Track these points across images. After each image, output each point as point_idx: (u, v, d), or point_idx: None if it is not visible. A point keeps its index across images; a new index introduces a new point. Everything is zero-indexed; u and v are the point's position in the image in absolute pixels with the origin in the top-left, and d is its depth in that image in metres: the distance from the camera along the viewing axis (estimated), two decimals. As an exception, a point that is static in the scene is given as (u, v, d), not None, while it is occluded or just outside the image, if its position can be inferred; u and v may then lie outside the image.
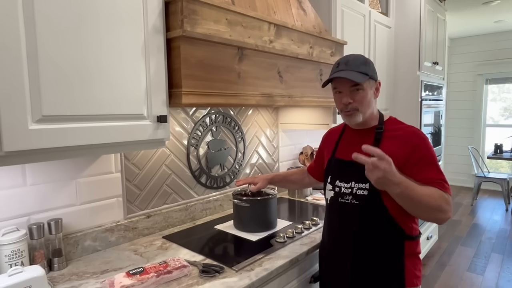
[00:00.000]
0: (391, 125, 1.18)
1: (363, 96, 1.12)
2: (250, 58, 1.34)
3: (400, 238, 1.11)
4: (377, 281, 1.12)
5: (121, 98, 1.03)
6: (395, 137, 1.13)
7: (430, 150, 1.10)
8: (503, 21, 4.81)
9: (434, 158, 1.09)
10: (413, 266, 1.13)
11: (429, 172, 1.06)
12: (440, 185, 1.04)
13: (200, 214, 1.73)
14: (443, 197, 1.02)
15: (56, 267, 1.17)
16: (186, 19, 1.11)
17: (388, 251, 1.11)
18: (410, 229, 1.13)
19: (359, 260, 1.15)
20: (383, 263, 1.11)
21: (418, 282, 1.14)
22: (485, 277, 2.91)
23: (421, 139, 1.11)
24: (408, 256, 1.12)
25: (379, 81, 1.19)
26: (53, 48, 0.88)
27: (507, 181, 4.74)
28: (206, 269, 1.13)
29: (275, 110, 2.19)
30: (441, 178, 1.06)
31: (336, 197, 1.20)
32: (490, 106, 5.86)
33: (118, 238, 1.40)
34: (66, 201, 1.26)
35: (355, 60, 1.11)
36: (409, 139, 1.10)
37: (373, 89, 1.16)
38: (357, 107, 1.12)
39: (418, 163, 1.07)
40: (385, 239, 1.11)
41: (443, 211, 1.01)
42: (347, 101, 1.12)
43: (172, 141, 1.61)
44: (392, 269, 1.11)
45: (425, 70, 2.92)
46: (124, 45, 1.03)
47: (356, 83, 1.09)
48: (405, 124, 1.18)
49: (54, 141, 0.89)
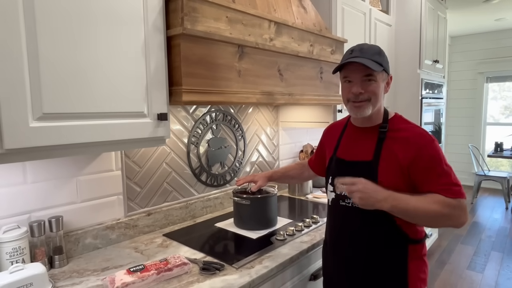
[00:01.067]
0: (396, 124, 1.10)
1: (376, 87, 1.04)
2: (250, 56, 1.33)
3: (403, 242, 1.05)
4: (379, 285, 1.08)
5: (122, 96, 1.04)
6: (399, 138, 1.05)
7: (438, 152, 1.02)
8: (504, 19, 4.80)
9: (441, 161, 1.01)
10: (418, 269, 1.08)
11: (436, 177, 0.99)
12: (447, 192, 0.97)
13: (200, 212, 1.74)
14: (448, 204, 0.96)
15: (57, 264, 1.18)
16: (187, 17, 1.11)
17: (391, 255, 1.06)
18: (415, 232, 1.07)
19: (360, 263, 1.10)
20: (384, 267, 1.06)
21: (423, 285, 1.09)
22: (484, 275, 2.92)
23: (427, 141, 1.02)
24: (413, 260, 1.07)
25: (391, 75, 1.12)
26: (54, 47, 0.88)
27: (507, 180, 4.74)
28: (207, 266, 1.14)
29: (275, 108, 2.19)
30: (448, 182, 0.99)
31: (337, 200, 1.15)
32: (491, 104, 5.85)
33: (118, 235, 1.40)
34: (67, 198, 1.27)
35: (369, 49, 1.04)
36: (414, 141, 1.03)
37: (384, 83, 1.08)
38: (370, 97, 1.04)
39: (424, 168, 1.00)
40: (387, 243, 1.06)
41: (448, 217, 0.96)
42: (358, 90, 1.04)
43: (172, 139, 1.62)
44: (394, 274, 1.06)
45: (425, 68, 2.92)
46: (124, 43, 1.03)
47: (368, 73, 1.03)
48: (412, 124, 1.10)
49: (55, 139, 0.90)
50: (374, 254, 1.07)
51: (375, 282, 1.08)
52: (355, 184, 0.97)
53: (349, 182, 0.99)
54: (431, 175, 1.00)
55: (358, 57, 1.02)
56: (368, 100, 1.05)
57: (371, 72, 1.03)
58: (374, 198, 0.96)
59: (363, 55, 1.02)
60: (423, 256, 1.10)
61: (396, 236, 1.05)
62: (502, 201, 5.03)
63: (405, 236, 1.05)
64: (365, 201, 0.97)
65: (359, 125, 1.16)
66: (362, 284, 1.10)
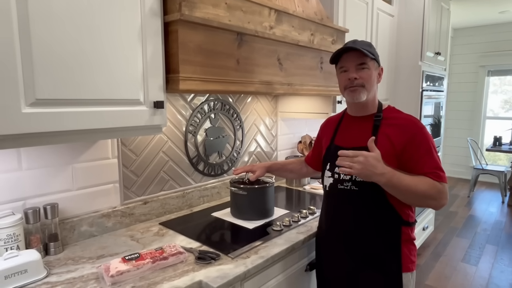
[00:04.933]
0: (389, 113, 1.21)
1: (369, 74, 1.15)
2: (249, 44, 1.31)
3: (397, 223, 1.14)
4: (376, 265, 1.15)
5: (117, 83, 1.01)
6: (393, 125, 1.16)
7: (428, 139, 1.13)
8: (508, 11, 4.74)
9: (432, 147, 1.12)
10: (409, 252, 1.17)
11: (425, 162, 1.09)
12: (435, 175, 1.08)
13: (197, 201, 1.73)
14: (435, 186, 1.07)
15: (52, 251, 1.18)
16: (184, 2, 1.08)
17: (386, 235, 1.15)
18: (407, 215, 1.17)
19: (357, 244, 1.17)
20: (381, 247, 1.15)
21: (413, 267, 1.18)
22: (478, 267, 2.95)
23: (419, 128, 1.14)
24: (404, 242, 1.15)
25: (382, 67, 1.23)
26: (47, 30, 0.85)
27: (504, 174, 4.76)
28: (202, 256, 1.14)
29: (274, 98, 2.17)
30: (436, 167, 1.10)
31: (335, 184, 1.21)
32: (491, 98, 5.83)
33: (114, 223, 1.40)
34: (62, 186, 1.26)
35: (361, 42, 1.17)
36: (407, 128, 1.13)
37: (376, 72, 1.20)
38: (363, 83, 1.15)
39: (416, 152, 1.10)
40: (383, 224, 1.15)
41: (434, 198, 1.07)
42: (353, 76, 1.15)
43: (169, 127, 1.60)
44: (389, 254, 1.14)
45: (427, 60, 2.89)
46: (120, 28, 1.00)
47: (362, 61, 1.14)
48: (404, 113, 1.21)
49: (48, 125, 0.88)
50: (372, 233, 1.15)
51: (372, 263, 1.16)
52: (357, 156, 1.03)
53: (351, 154, 1.04)
54: (421, 159, 1.10)
55: (352, 46, 1.13)
56: (362, 86, 1.15)
57: (364, 61, 1.14)
58: (372, 171, 1.02)
59: (355, 46, 1.13)
60: (412, 240, 1.19)
61: (391, 217, 1.14)
62: (499, 195, 5.06)
63: (399, 218, 1.15)
64: (364, 172, 1.02)
65: (355, 115, 1.26)
66: (360, 266, 1.17)
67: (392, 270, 1.14)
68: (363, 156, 1.02)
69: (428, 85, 2.95)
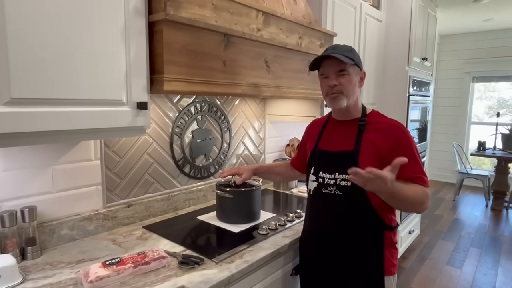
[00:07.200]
0: (374, 118, 1.21)
1: (349, 80, 1.15)
2: (236, 46, 1.30)
3: (380, 228, 1.15)
4: (358, 269, 1.15)
5: (99, 82, 0.99)
6: (378, 129, 1.16)
7: (412, 143, 1.14)
8: (492, 19, 4.85)
9: (416, 151, 1.13)
10: (391, 255, 1.18)
11: (411, 166, 1.08)
12: (421, 180, 1.10)
13: (182, 204, 1.71)
14: (425, 193, 1.08)
15: (30, 256, 1.13)
16: (170, 2, 1.06)
17: (369, 240, 1.15)
18: (390, 220, 1.18)
19: (340, 248, 1.18)
20: (364, 252, 1.15)
21: (395, 270, 1.19)
22: (463, 270, 2.99)
23: (403, 132, 1.15)
24: (387, 246, 1.16)
25: (364, 71, 1.22)
26: (25, 27, 0.82)
27: (488, 178, 4.85)
28: (185, 260, 1.11)
29: (262, 101, 2.16)
30: (420, 171, 1.11)
31: (319, 188, 1.21)
32: (476, 104, 5.95)
33: (96, 227, 1.36)
34: (42, 188, 1.22)
35: (342, 47, 1.16)
36: (391, 132, 1.14)
37: (358, 77, 1.19)
38: (342, 90, 1.14)
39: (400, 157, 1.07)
40: (366, 228, 1.15)
41: (423, 204, 1.08)
42: (333, 83, 1.14)
43: (155, 129, 1.57)
44: (372, 258, 1.15)
45: (414, 65, 2.93)
46: (102, 26, 0.98)
47: (342, 68, 1.13)
48: (387, 118, 1.21)
49: (25, 125, 0.85)
50: (355, 237, 1.15)
51: (355, 267, 1.16)
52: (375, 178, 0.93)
53: (366, 176, 0.93)
54: (407, 164, 1.05)
55: (331, 53, 1.12)
56: (341, 92, 1.14)
57: (344, 68, 1.13)
58: (384, 192, 1.00)
59: (335, 52, 1.12)
60: (394, 244, 1.20)
61: (375, 222, 1.14)
62: (483, 198, 5.15)
63: (382, 222, 1.15)
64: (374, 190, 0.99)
65: (340, 119, 1.25)
66: (343, 269, 1.17)
67: (374, 273, 1.14)
68: (382, 181, 0.93)
69: (414, 90, 2.99)
